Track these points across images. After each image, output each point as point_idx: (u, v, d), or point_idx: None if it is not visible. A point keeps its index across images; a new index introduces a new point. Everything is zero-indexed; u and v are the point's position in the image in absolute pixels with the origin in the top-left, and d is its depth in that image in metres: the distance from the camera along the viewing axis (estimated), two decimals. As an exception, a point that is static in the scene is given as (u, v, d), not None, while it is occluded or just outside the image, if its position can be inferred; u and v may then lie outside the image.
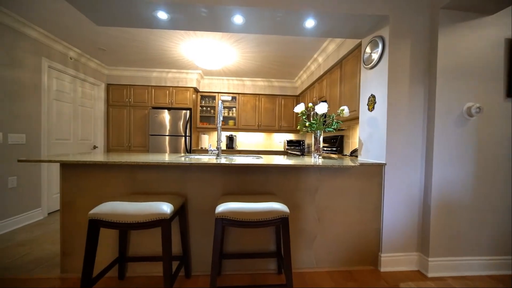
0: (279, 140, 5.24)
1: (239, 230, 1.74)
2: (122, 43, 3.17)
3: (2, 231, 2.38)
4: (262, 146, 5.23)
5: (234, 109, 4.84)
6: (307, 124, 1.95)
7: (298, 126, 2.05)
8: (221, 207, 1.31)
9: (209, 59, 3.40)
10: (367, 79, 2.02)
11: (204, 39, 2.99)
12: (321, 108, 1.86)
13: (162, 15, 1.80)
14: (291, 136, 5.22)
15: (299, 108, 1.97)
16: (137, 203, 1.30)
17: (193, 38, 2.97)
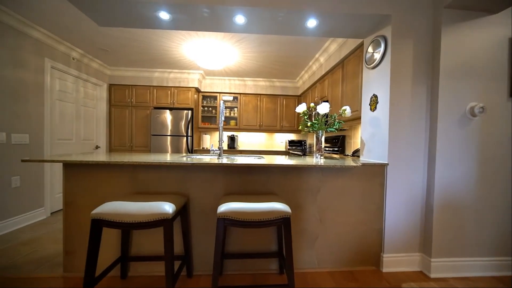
0: (281, 140, 5.23)
1: (241, 230, 1.74)
2: (124, 43, 3.19)
3: (5, 230, 2.40)
4: (264, 146, 5.23)
5: (235, 109, 4.84)
6: (308, 124, 1.95)
7: (300, 126, 2.05)
8: (223, 207, 1.31)
9: (210, 59, 3.41)
10: (369, 79, 2.02)
11: (205, 39, 2.99)
12: (323, 108, 1.86)
13: (164, 15, 1.80)
14: (293, 136, 5.22)
15: (301, 108, 1.97)
16: (139, 203, 1.30)
17: (194, 38, 2.98)
